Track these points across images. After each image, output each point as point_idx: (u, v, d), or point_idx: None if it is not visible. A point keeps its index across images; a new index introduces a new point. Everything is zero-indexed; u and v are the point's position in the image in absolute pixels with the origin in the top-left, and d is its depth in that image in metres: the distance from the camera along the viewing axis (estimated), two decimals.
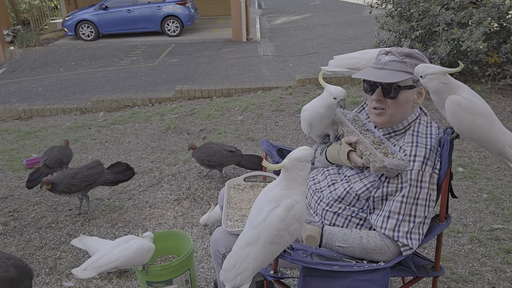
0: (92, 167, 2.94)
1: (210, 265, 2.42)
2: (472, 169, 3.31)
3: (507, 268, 2.25)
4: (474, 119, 1.30)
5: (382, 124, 1.54)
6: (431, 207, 1.42)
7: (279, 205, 1.25)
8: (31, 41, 11.29)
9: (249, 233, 1.27)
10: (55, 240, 2.75)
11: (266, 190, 1.31)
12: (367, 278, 1.36)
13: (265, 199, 1.29)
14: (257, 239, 1.25)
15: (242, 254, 1.27)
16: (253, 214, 1.29)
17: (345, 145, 1.55)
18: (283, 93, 5.56)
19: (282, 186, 1.27)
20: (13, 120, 5.90)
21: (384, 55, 1.48)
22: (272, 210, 1.25)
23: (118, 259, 1.83)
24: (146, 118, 5.06)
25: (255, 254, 1.26)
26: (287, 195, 1.25)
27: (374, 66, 1.51)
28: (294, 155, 1.25)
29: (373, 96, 1.50)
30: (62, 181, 2.78)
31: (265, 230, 1.25)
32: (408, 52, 1.45)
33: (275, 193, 1.27)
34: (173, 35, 11.74)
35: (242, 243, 1.28)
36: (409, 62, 1.44)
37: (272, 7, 17.11)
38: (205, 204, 3.07)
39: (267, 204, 1.27)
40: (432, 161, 1.43)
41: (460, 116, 1.30)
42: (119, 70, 8.39)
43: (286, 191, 1.26)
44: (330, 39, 9.84)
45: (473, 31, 4.33)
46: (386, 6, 6.10)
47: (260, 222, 1.25)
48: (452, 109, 1.30)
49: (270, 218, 1.24)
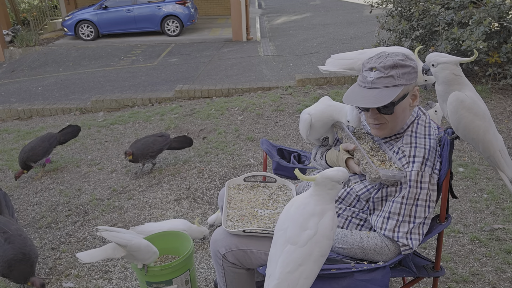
0: (161, 135, 3.62)
1: (210, 265, 2.41)
2: (473, 169, 3.30)
3: (508, 268, 2.25)
4: (473, 119, 1.30)
5: (384, 135, 1.53)
6: (431, 208, 1.42)
7: (324, 217, 1.21)
8: (30, 41, 11.29)
9: (298, 254, 1.18)
10: (55, 240, 2.75)
11: (300, 205, 1.24)
12: (367, 278, 1.36)
13: (305, 213, 1.22)
14: (309, 256, 1.18)
15: (292, 278, 1.17)
16: (295, 231, 1.20)
17: (343, 152, 1.55)
18: (283, 93, 5.56)
19: (315, 200, 1.22)
20: (13, 120, 5.90)
21: (369, 71, 1.43)
22: (319, 222, 1.20)
23: (130, 241, 1.81)
24: (146, 118, 5.05)
25: (307, 273, 1.19)
26: (326, 209, 1.22)
27: (362, 85, 1.45)
28: (328, 173, 1.21)
29: (369, 114, 1.49)
30: (142, 151, 3.43)
31: (318, 243, 1.19)
32: (392, 63, 1.40)
33: (314, 207, 1.22)
34: (173, 35, 11.74)
35: (290, 266, 1.18)
36: (396, 74, 1.39)
37: (272, 7, 17.11)
38: (205, 204, 3.07)
39: (310, 219, 1.21)
40: (432, 162, 1.43)
41: (461, 113, 1.30)
42: (119, 70, 8.38)
43: (322, 205, 1.22)
44: (330, 38, 9.83)
45: (474, 31, 4.33)
46: (387, 6, 6.10)
47: (311, 237, 1.18)
48: (454, 105, 1.30)
49: (321, 230, 1.19)
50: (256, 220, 1.69)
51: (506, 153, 1.37)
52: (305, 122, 1.64)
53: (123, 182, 3.47)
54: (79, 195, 3.31)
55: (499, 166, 1.36)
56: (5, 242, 2.09)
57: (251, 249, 1.60)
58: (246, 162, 3.68)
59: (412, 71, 1.41)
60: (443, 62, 1.29)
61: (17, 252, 2.06)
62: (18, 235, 2.15)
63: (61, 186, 3.50)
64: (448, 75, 1.30)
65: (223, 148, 3.99)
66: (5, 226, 2.17)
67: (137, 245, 1.83)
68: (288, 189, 1.92)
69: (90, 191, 3.38)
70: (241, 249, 1.61)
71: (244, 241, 1.61)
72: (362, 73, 1.48)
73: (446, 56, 1.30)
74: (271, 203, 1.81)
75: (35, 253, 2.16)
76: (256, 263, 1.62)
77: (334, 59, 1.88)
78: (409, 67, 1.41)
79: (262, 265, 1.60)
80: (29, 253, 2.10)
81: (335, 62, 1.87)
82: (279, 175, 2.02)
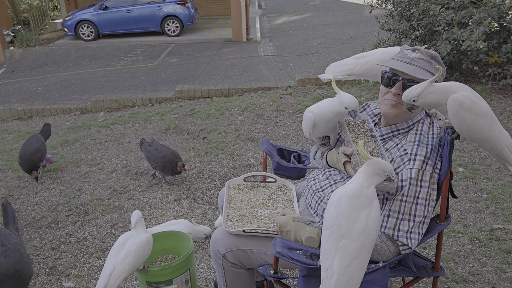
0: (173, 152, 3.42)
1: (210, 265, 2.42)
2: (473, 169, 3.31)
3: (508, 268, 2.25)
4: (476, 119, 1.29)
5: (393, 116, 1.52)
6: (431, 207, 1.42)
7: (372, 207, 1.24)
8: (31, 41, 11.30)
9: (352, 247, 1.22)
10: (55, 240, 2.75)
11: (351, 199, 1.25)
12: (366, 278, 1.36)
13: (356, 207, 1.24)
14: (362, 249, 1.22)
15: (350, 271, 1.21)
16: (349, 226, 1.23)
17: (342, 154, 1.55)
18: (283, 93, 5.56)
19: (365, 184, 1.25)
20: (13, 120, 5.90)
21: (410, 51, 1.47)
22: (369, 214, 1.23)
23: (124, 270, 1.81)
24: (146, 118, 5.06)
25: (362, 265, 1.23)
26: (372, 198, 1.25)
27: (400, 60, 1.48)
28: (384, 162, 1.27)
29: (393, 89, 1.48)
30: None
31: (369, 236, 1.22)
32: (434, 54, 1.46)
33: (364, 199, 1.24)
34: (173, 35, 11.74)
35: (347, 261, 1.21)
36: (434, 64, 1.45)
37: (272, 7, 17.12)
38: (205, 204, 3.07)
39: (361, 212, 1.23)
40: (433, 161, 1.43)
41: (462, 115, 1.29)
42: (119, 70, 8.38)
43: (370, 193, 1.25)
44: (330, 39, 9.83)
45: (473, 31, 4.33)
46: (386, 6, 6.10)
47: (363, 230, 1.22)
48: (454, 108, 1.30)
49: (371, 222, 1.23)
50: (256, 220, 1.69)
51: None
52: (308, 120, 1.63)
53: (123, 182, 3.47)
54: (79, 195, 3.32)
55: (510, 162, 1.35)
56: (1, 255, 2.01)
57: (251, 249, 1.60)
58: (246, 162, 3.68)
59: (442, 72, 1.45)
60: (419, 92, 1.31)
61: (10, 268, 1.97)
62: (16, 250, 2.06)
63: (61, 186, 3.50)
64: (432, 98, 1.31)
65: (223, 148, 3.99)
66: (5, 239, 2.09)
67: (131, 265, 1.81)
68: (288, 189, 1.92)
69: (90, 191, 3.38)
70: (241, 249, 1.61)
71: (244, 241, 1.61)
72: (402, 50, 1.51)
73: (417, 86, 1.31)
74: (271, 203, 1.82)
75: (29, 271, 2.07)
76: (256, 263, 1.63)
77: (333, 67, 1.88)
78: (442, 65, 1.45)
79: (262, 265, 1.60)
80: (21, 270, 2.00)
81: (335, 69, 1.87)
82: (279, 175, 2.02)
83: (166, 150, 3.34)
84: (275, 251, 1.39)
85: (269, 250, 1.57)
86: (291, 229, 1.47)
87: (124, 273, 1.81)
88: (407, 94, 1.33)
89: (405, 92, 1.34)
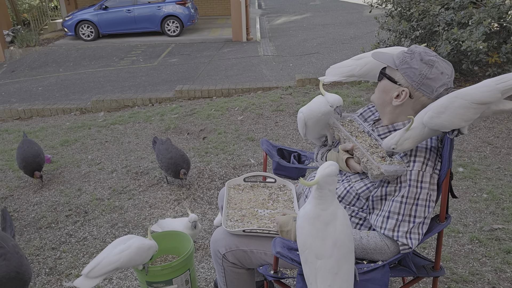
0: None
1: (210, 265, 2.42)
2: (472, 169, 3.31)
3: (507, 268, 2.25)
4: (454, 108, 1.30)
5: (372, 100, 1.58)
6: (431, 208, 1.42)
7: (336, 219, 1.24)
8: (31, 41, 11.30)
9: (329, 265, 1.23)
10: (55, 240, 2.75)
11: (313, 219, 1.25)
12: (366, 277, 1.36)
13: (320, 226, 1.24)
14: (339, 261, 1.23)
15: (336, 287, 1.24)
16: (319, 246, 1.24)
17: (342, 152, 1.55)
18: (283, 93, 5.56)
19: (322, 206, 1.24)
20: (13, 120, 5.90)
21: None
22: (335, 227, 1.24)
23: (119, 260, 1.82)
24: (146, 118, 5.06)
25: (346, 276, 1.25)
26: (334, 211, 1.24)
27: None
28: (324, 172, 1.21)
29: None
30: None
31: (342, 246, 1.23)
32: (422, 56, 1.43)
33: (326, 216, 1.24)
34: (173, 35, 11.75)
35: (329, 279, 1.24)
36: (408, 58, 1.42)
37: (272, 7, 17.12)
38: (205, 204, 3.07)
39: (327, 229, 1.24)
40: (433, 162, 1.43)
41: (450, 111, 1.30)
42: (119, 70, 8.39)
43: (329, 208, 1.24)
44: (330, 39, 9.84)
45: (473, 31, 4.33)
46: (386, 6, 6.10)
47: (334, 244, 1.23)
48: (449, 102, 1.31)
49: (340, 234, 1.23)
50: (256, 220, 1.69)
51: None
52: (299, 120, 1.70)
53: (123, 182, 3.48)
54: (79, 195, 3.32)
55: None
56: (0, 258, 1.99)
57: (251, 249, 1.61)
58: (246, 162, 3.68)
59: (417, 73, 1.40)
60: (396, 141, 1.33)
61: (11, 270, 1.96)
62: (15, 252, 2.05)
63: (61, 186, 3.50)
64: (409, 143, 1.33)
65: (223, 148, 3.99)
66: (3, 241, 2.07)
67: (127, 259, 1.81)
68: (288, 189, 1.93)
69: (90, 191, 3.38)
70: (241, 249, 1.61)
71: (244, 241, 1.61)
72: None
73: (394, 135, 1.34)
74: (271, 203, 1.82)
75: (30, 273, 2.07)
76: (256, 263, 1.63)
77: (333, 69, 1.88)
78: (415, 69, 1.40)
79: (262, 265, 1.60)
80: (23, 273, 2.00)
81: (335, 71, 1.87)
82: (279, 175, 2.03)
83: (176, 152, 3.28)
84: (275, 251, 1.39)
85: (269, 250, 1.57)
86: (291, 229, 1.47)
87: (116, 263, 1.80)
88: (386, 143, 1.36)
89: (384, 141, 1.37)
